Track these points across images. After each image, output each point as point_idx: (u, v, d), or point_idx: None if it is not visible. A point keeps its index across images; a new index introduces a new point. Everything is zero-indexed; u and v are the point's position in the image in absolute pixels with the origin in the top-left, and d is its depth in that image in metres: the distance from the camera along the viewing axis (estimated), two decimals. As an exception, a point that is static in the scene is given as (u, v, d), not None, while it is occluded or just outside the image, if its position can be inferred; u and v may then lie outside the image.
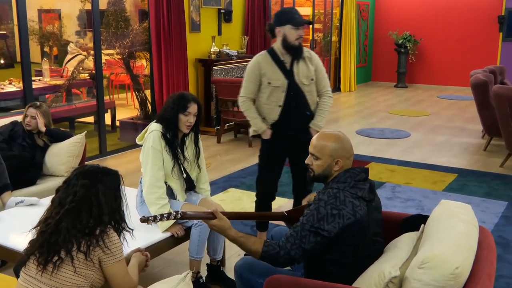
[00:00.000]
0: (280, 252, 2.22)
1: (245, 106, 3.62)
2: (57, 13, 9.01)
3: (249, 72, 3.60)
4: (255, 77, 3.57)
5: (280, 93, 3.53)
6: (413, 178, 5.64)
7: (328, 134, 2.38)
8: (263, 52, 3.63)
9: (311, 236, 2.19)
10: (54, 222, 2.11)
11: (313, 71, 3.60)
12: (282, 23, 3.49)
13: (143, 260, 2.47)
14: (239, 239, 2.30)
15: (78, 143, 4.22)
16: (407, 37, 12.51)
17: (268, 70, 3.54)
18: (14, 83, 6.91)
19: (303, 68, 3.56)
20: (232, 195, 5.08)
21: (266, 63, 3.55)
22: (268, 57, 3.56)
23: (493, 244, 2.21)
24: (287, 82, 3.52)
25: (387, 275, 2.03)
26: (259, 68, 3.55)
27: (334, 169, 2.34)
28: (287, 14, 3.53)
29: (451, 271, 1.86)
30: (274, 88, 3.53)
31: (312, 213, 2.21)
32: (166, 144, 3.15)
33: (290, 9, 3.64)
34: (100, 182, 2.16)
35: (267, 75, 3.54)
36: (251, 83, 3.59)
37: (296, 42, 3.49)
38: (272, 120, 3.60)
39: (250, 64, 3.63)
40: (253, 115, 3.61)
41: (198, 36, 7.64)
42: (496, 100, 5.76)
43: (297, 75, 3.54)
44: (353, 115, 9.42)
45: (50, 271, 2.07)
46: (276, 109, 3.56)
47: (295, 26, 3.46)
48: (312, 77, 3.60)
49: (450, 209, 2.30)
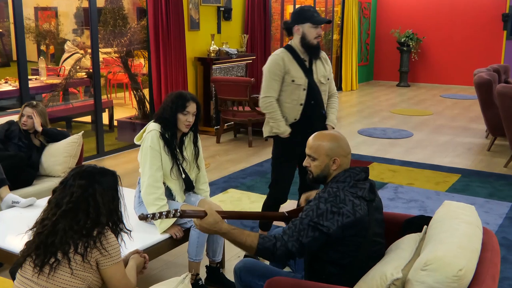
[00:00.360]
0: (276, 243, 2.17)
1: (271, 108, 3.51)
2: (53, 11, 9.01)
3: (273, 69, 3.49)
4: (280, 74, 3.49)
5: (301, 91, 3.51)
6: (415, 178, 5.61)
7: (323, 134, 2.40)
8: (282, 49, 3.57)
9: (310, 230, 2.17)
10: (51, 223, 2.10)
11: (329, 71, 3.66)
12: (302, 21, 3.48)
13: (141, 262, 2.46)
14: (233, 232, 2.21)
15: (75, 143, 4.21)
16: (409, 35, 12.50)
17: (291, 67, 3.50)
18: (10, 82, 6.90)
19: (321, 67, 3.59)
20: (232, 196, 5.06)
21: (290, 60, 3.51)
22: (289, 54, 3.53)
23: (497, 246, 2.20)
24: (307, 81, 3.52)
25: (389, 277, 2.01)
26: (283, 64, 3.49)
27: (332, 168, 2.33)
28: (306, 12, 3.51)
29: (455, 273, 1.85)
30: (296, 86, 3.49)
31: (312, 208, 2.20)
32: (165, 144, 3.14)
33: (309, 8, 3.59)
34: (97, 182, 2.15)
35: (290, 73, 3.49)
36: (275, 81, 3.50)
37: (314, 40, 3.49)
38: (293, 119, 3.55)
39: (271, 61, 3.52)
40: (280, 117, 3.52)
41: (197, 34, 7.62)
42: (500, 99, 5.76)
43: (316, 73, 3.56)
44: (355, 115, 9.40)
45: (47, 273, 2.06)
46: (298, 108, 3.53)
47: (314, 25, 3.45)
48: (328, 77, 3.64)
49: (453, 210, 2.29)
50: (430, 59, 12.87)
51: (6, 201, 3.55)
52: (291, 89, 3.50)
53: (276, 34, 11.11)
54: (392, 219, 2.55)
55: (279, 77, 3.49)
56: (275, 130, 3.56)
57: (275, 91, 3.50)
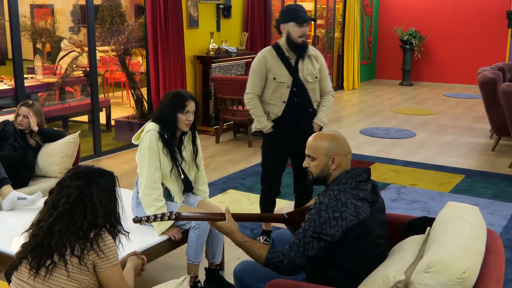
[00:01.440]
0: (284, 260, 2.22)
1: (252, 104, 3.68)
2: (50, 8, 9.01)
3: (255, 67, 3.66)
4: (262, 72, 3.63)
5: (284, 89, 3.62)
6: (418, 179, 5.59)
7: (322, 134, 2.43)
8: (269, 47, 3.70)
9: (314, 242, 2.18)
10: (47, 225, 2.10)
11: (318, 70, 3.69)
12: (286, 20, 3.58)
13: (139, 264, 2.46)
14: (245, 244, 2.31)
15: (71, 143, 4.20)
16: (412, 33, 12.46)
17: (274, 65, 3.61)
18: (5, 81, 6.88)
19: (308, 65, 3.65)
20: (231, 196, 5.04)
21: (272, 59, 3.63)
22: (274, 53, 3.64)
23: (501, 248, 2.19)
24: (292, 79, 3.61)
25: (392, 279, 2.01)
26: (265, 63, 3.62)
27: (331, 168, 2.33)
28: (292, 11, 3.60)
29: (458, 275, 1.85)
30: (279, 83, 3.61)
31: (314, 217, 2.20)
32: (164, 146, 3.12)
33: (295, 6, 3.68)
34: (94, 183, 2.16)
35: (272, 71, 3.61)
36: (257, 78, 3.65)
37: (299, 39, 3.56)
38: (275, 115, 3.68)
39: (255, 59, 3.69)
40: (260, 113, 3.67)
41: (196, 32, 7.59)
42: (505, 98, 5.75)
43: (302, 72, 3.63)
44: (357, 114, 9.37)
45: (43, 275, 2.06)
46: (280, 105, 3.65)
47: (298, 24, 3.53)
48: (317, 75, 3.69)
49: (457, 211, 2.28)
50: (433, 58, 12.82)
51: (11, 198, 3.51)
52: (274, 87, 3.62)
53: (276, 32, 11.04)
54: (395, 220, 2.56)
55: (261, 75, 3.63)
56: (257, 126, 3.73)
57: (257, 88, 3.65)
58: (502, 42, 11.99)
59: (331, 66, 11.96)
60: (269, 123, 3.66)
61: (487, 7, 12.08)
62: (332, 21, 11.95)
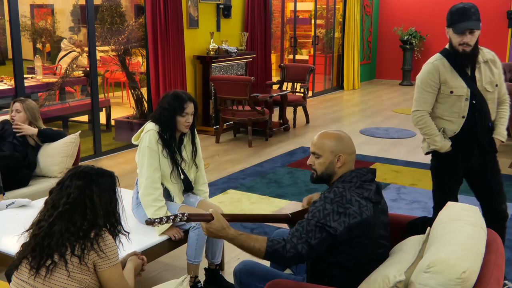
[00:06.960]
0: (286, 245, 2.15)
1: (424, 122, 3.22)
2: (50, 8, 9.02)
3: (425, 80, 3.19)
4: (434, 85, 3.17)
5: (463, 102, 3.14)
6: (419, 179, 5.58)
7: (328, 133, 2.41)
8: (437, 55, 3.23)
9: (317, 231, 2.16)
10: (47, 224, 2.10)
11: (498, 76, 3.22)
12: (448, 24, 3.14)
13: (139, 264, 2.46)
14: (240, 237, 2.18)
15: (72, 143, 4.18)
16: (412, 33, 12.44)
17: (449, 77, 3.14)
18: (5, 81, 6.88)
19: (487, 72, 3.17)
20: (231, 196, 5.02)
21: (445, 69, 3.15)
22: (445, 61, 3.16)
23: (501, 248, 2.18)
24: (470, 90, 3.13)
25: (392, 279, 2.01)
26: (438, 74, 3.16)
27: (336, 166, 2.33)
28: (453, 14, 3.11)
29: (458, 276, 1.84)
30: (457, 97, 3.14)
31: (318, 209, 2.19)
32: (164, 147, 3.11)
33: (459, 9, 3.11)
34: (94, 183, 2.16)
35: (448, 83, 3.14)
36: (428, 93, 3.18)
37: (459, 47, 3.09)
38: (452, 133, 3.22)
39: (424, 71, 3.22)
40: (435, 132, 3.22)
41: (196, 32, 7.58)
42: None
43: (480, 81, 3.15)
44: (357, 114, 9.36)
45: (43, 275, 2.06)
46: (459, 121, 3.18)
47: (456, 33, 3.09)
48: (497, 83, 3.20)
49: (457, 212, 2.27)
50: (433, 58, 12.78)
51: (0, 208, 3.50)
52: (451, 101, 3.16)
53: (276, 32, 11.05)
54: (395, 220, 2.54)
55: (433, 89, 3.17)
56: (432, 146, 3.31)
57: (428, 104, 3.21)
58: (502, 42, 11.95)
59: (331, 66, 11.94)
60: (448, 141, 3.21)
61: (487, 8, 12.02)
62: (332, 21, 11.92)
